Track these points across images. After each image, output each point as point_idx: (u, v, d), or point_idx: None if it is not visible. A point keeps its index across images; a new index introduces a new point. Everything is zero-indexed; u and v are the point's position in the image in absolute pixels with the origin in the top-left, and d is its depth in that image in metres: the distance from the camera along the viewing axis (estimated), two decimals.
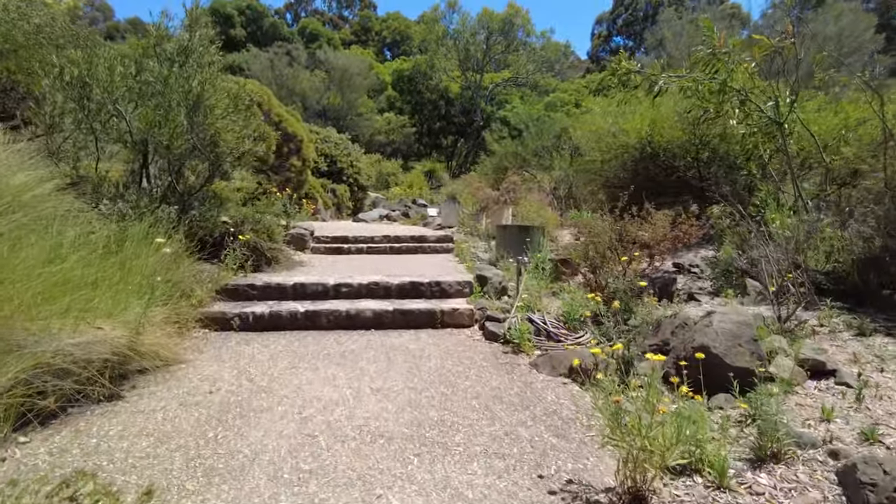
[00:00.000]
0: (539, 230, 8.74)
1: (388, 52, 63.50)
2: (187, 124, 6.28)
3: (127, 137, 6.45)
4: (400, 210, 22.02)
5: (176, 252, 6.00)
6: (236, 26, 49.05)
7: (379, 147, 38.42)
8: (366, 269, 8.41)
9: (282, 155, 13.35)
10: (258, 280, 6.85)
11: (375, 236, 11.71)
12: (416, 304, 6.29)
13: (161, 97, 6.42)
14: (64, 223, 5.61)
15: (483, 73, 46.74)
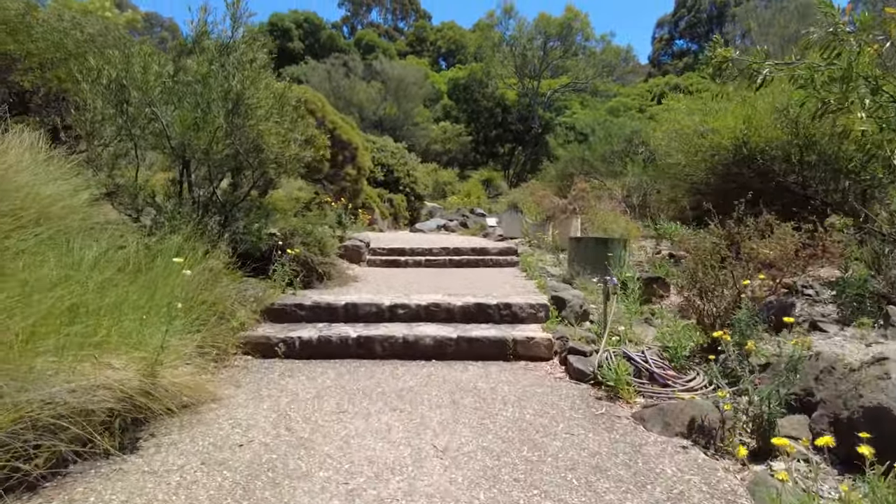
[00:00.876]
0: (619, 243, 7.75)
1: (443, 62, 63.26)
2: (227, 127, 5.66)
3: (164, 143, 5.89)
4: (457, 220, 21.27)
5: (214, 269, 5.36)
6: (294, 39, 49.74)
7: (435, 156, 37.89)
8: (424, 284, 7.62)
9: (336, 163, 12.81)
10: (307, 299, 6.16)
11: (434, 248, 10.94)
12: (484, 330, 5.44)
13: (199, 97, 5.83)
14: (91, 237, 5.05)
15: (540, 80, 45.68)
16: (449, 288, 7.30)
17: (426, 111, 44.05)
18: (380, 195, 19.57)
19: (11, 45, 8.37)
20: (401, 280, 8.08)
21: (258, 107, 5.75)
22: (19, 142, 6.13)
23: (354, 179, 13.35)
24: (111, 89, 6.19)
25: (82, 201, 5.90)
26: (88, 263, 4.59)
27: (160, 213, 5.68)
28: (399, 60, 48.83)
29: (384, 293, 6.81)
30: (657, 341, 5.43)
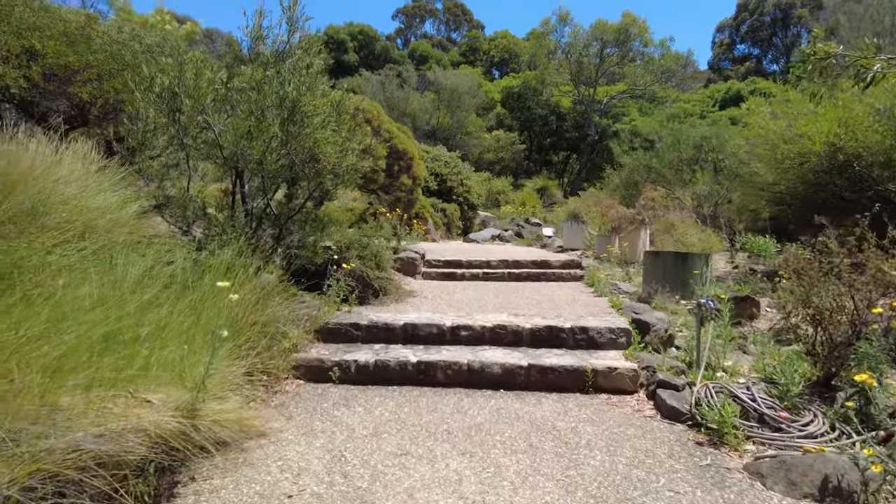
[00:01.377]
0: (701, 258, 7.06)
1: (497, 72, 62.84)
2: (282, 135, 5.32)
3: (217, 153, 5.60)
4: (512, 230, 20.70)
5: (267, 286, 5.00)
6: (349, 51, 50.27)
7: (488, 165, 37.39)
8: (485, 301, 7.11)
9: (392, 173, 12.49)
10: (363, 317, 5.74)
11: (492, 260, 10.42)
12: (558, 357, 4.88)
13: (253, 104, 5.52)
14: (137, 251, 4.76)
15: (596, 87, 44.65)
16: (513, 306, 6.77)
17: (479, 120, 43.63)
18: (433, 205, 19.22)
19: (71, 56, 8.36)
20: (460, 296, 7.59)
21: (314, 114, 5.39)
22: (72, 153, 5.97)
23: (410, 189, 13.00)
24: (163, 98, 5.96)
25: (131, 214, 5.67)
26: (132, 281, 4.29)
27: (211, 226, 5.38)
28: (452, 70, 48.65)
29: (444, 311, 6.34)
30: (756, 372, 4.77)
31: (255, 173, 5.63)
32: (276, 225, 5.87)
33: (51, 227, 4.86)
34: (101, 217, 5.06)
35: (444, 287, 8.64)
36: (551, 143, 45.99)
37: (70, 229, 4.91)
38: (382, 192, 12.97)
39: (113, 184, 5.96)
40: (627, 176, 16.90)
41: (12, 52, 7.86)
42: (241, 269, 4.88)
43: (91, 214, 5.13)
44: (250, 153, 5.32)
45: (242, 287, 4.69)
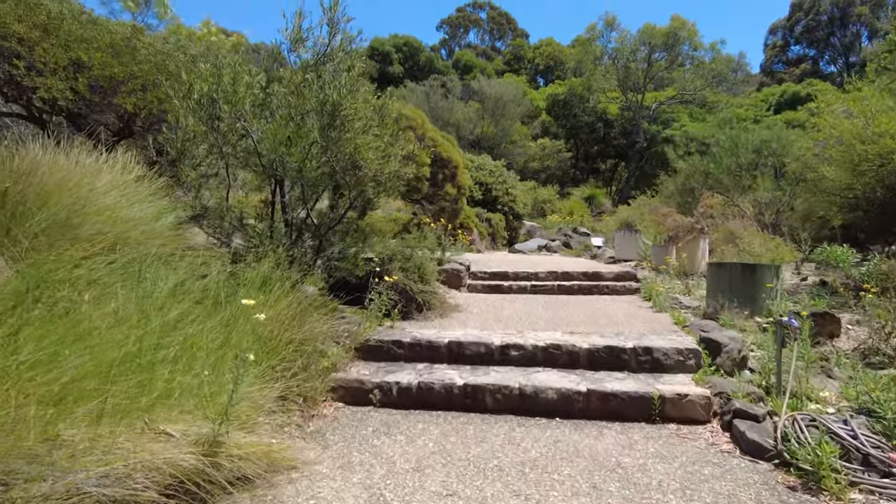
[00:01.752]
0: (771, 270, 6.46)
1: (541, 79, 62.28)
2: (321, 141, 5.03)
3: (255, 160, 5.36)
4: (560, 240, 20.14)
5: (306, 300, 4.69)
6: (394, 63, 50.55)
7: (533, 174, 36.80)
8: (535, 316, 6.67)
9: (436, 182, 12.18)
10: (406, 334, 5.39)
11: (540, 272, 9.95)
12: (619, 381, 4.41)
13: (292, 109, 5.27)
14: (171, 264, 4.53)
15: (644, 92, 43.56)
16: (565, 322, 6.31)
17: (524, 128, 43.11)
18: (478, 215, 18.84)
19: (116, 67, 8.33)
20: (508, 311, 7.16)
21: (355, 118, 5.09)
22: (111, 163, 5.85)
23: (454, 199, 12.66)
24: (202, 105, 5.78)
25: (166, 225, 5.48)
26: (161, 296, 4.05)
27: (248, 238, 5.13)
28: (496, 79, 48.31)
29: (491, 327, 5.93)
30: (847, 401, 4.20)
31: (295, 182, 5.37)
32: (315, 236, 5.59)
33: (83, 239, 4.69)
34: (133, 228, 4.87)
35: (490, 300, 8.23)
36: (598, 150, 45.08)
37: (102, 241, 4.73)
38: (426, 201, 12.67)
39: (150, 194, 5.80)
40: (683, 182, 16.12)
41: (59, 65, 7.87)
42: (278, 283, 4.60)
43: (124, 226, 4.95)
44: (289, 160, 5.05)
45: (278, 302, 4.40)
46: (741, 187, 13.73)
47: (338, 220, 5.65)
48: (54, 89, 7.70)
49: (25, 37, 7.76)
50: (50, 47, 7.82)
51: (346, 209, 5.67)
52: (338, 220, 5.65)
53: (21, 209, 4.63)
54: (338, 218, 5.66)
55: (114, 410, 2.56)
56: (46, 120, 9.07)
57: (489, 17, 71.63)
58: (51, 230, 4.60)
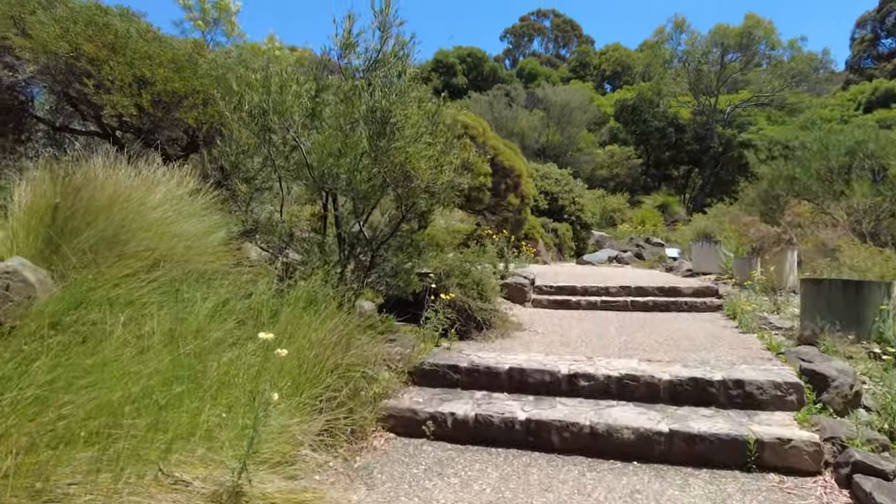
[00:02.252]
0: (881, 287, 5.65)
1: (608, 85, 60.89)
2: (370, 151, 4.70)
3: (306, 173, 5.09)
4: (631, 251, 19.25)
5: (351, 321, 4.34)
6: (458, 74, 50.53)
7: (601, 182, 35.70)
8: (607, 338, 6.10)
9: (498, 192, 11.74)
10: (463, 357, 4.97)
11: (611, 286, 9.32)
12: (707, 420, 3.82)
13: (341, 118, 4.97)
14: (214, 282, 4.29)
15: (718, 95, 41.59)
16: (641, 345, 5.71)
17: (591, 136, 42.04)
18: (543, 225, 18.25)
19: (177, 82, 8.37)
20: (576, 331, 6.62)
21: (406, 126, 4.74)
22: (168, 178, 5.74)
23: (518, 209, 12.18)
24: (253, 116, 5.58)
25: (216, 240, 5.29)
26: (200, 317, 3.79)
27: (298, 253, 4.86)
28: (561, 86, 47.44)
29: (557, 350, 5.43)
30: None
31: (345, 194, 5.06)
32: (367, 251, 5.26)
33: (129, 255, 4.53)
34: (179, 244, 4.68)
35: (556, 318, 7.69)
36: (670, 156, 43.38)
37: (148, 258, 4.56)
38: (489, 212, 12.24)
39: (203, 208, 5.65)
40: (766, 189, 14.96)
41: (125, 82, 7.96)
42: (323, 304, 4.28)
43: (172, 242, 4.77)
44: (338, 172, 4.75)
45: (324, 324, 4.07)
46: (832, 193, 12.53)
47: (391, 233, 5.30)
48: (119, 105, 7.78)
49: (94, 56, 7.90)
50: (116, 65, 7.92)
51: (399, 222, 5.31)
52: (391, 233, 5.30)
53: (71, 225, 4.52)
54: (390, 231, 5.31)
55: (124, 454, 2.26)
56: (119, 137, 9.26)
57: (553, 24, 70.77)
58: (98, 246, 4.46)
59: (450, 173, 4.94)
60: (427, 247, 5.46)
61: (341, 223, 5.65)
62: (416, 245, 5.41)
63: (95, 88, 7.88)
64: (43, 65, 8.00)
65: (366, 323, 4.88)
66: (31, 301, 3.75)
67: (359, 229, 5.50)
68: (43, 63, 7.97)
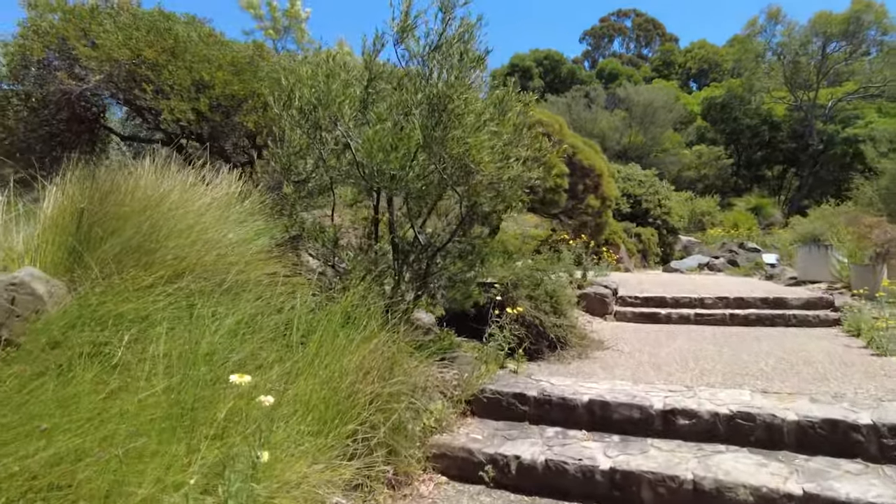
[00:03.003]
0: None
1: (694, 84, 57.95)
2: (425, 142, 4.04)
3: (356, 172, 4.51)
4: (724, 256, 17.69)
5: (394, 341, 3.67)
6: (534, 77, 49.52)
7: (689, 184, 33.65)
8: (706, 359, 5.16)
9: (575, 194, 10.83)
10: (531, 384, 4.20)
11: (705, 297, 8.24)
12: (855, 481, 2.87)
13: (394, 107, 4.35)
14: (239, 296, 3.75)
15: (818, 89, 38.37)
16: (748, 368, 4.74)
17: (677, 136, 39.92)
18: (626, 229, 17.06)
19: (237, 85, 8.08)
20: (667, 349, 5.69)
21: (466, 113, 4.05)
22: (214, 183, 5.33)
23: (597, 212, 11.21)
24: (304, 112, 5.07)
25: (259, 247, 4.79)
26: (219, 336, 3.24)
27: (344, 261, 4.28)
28: (644, 85, 45.41)
29: (647, 375, 4.56)
30: None
31: (396, 194, 4.43)
32: (420, 258, 4.60)
33: (156, 265, 4.07)
34: (210, 252, 4.19)
35: (643, 333, 6.75)
36: (763, 156, 40.48)
37: (175, 267, 4.09)
38: (565, 215, 11.34)
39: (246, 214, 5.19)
40: (888, 185, 13.17)
41: (183, 86, 7.74)
42: (367, 319, 3.64)
43: (202, 250, 4.30)
44: (387, 167, 4.12)
45: (361, 346, 3.43)
46: None
47: (449, 238, 4.61)
48: (177, 110, 7.56)
49: (155, 61, 7.74)
50: (175, 69, 7.72)
51: (458, 225, 4.62)
52: (449, 238, 4.61)
53: (95, 232, 4.13)
54: (449, 236, 4.62)
55: None
56: (184, 144, 9.13)
57: (634, 24, 68.30)
58: (122, 255, 4.03)
59: (518, 167, 4.19)
60: (491, 254, 4.73)
61: (395, 227, 5.02)
62: (479, 252, 4.70)
63: (154, 94, 7.70)
64: (107, 73, 7.92)
65: (418, 340, 4.23)
66: (39, 315, 3.33)
67: (414, 234, 4.86)
68: (107, 71, 7.89)
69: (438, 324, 5.40)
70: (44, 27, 8.03)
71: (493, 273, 5.16)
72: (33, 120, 8.58)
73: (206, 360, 2.99)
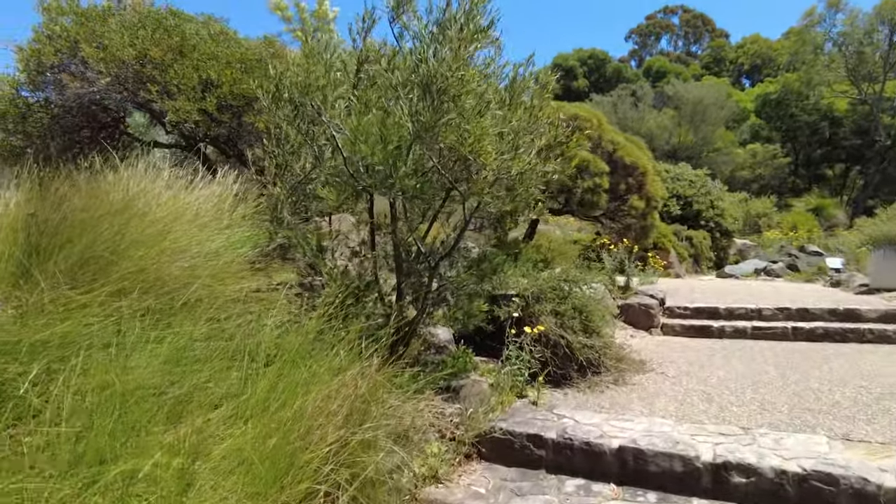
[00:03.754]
0: None
1: (747, 80, 55.54)
2: (413, 129, 3.36)
3: (341, 167, 3.88)
4: (783, 261, 16.37)
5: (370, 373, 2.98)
6: (578, 77, 48.35)
7: (743, 184, 31.95)
8: (767, 387, 4.30)
9: (617, 195, 9.95)
10: (551, 421, 3.46)
11: (764, 307, 7.28)
12: None
13: (383, 91, 3.70)
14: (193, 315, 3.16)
15: (885, 81, 35.91)
16: (824, 401, 3.87)
17: (729, 134, 38.11)
18: (675, 233, 15.96)
19: (246, 84, 7.60)
20: (721, 373, 4.84)
21: (465, 93, 3.36)
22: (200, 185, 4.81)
23: (642, 214, 10.28)
24: (293, 103, 4.48)
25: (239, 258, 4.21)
26: (149, 369, 2.64)
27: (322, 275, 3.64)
28: (694, 82, 43.62)
29: (694, 409, 3.76)
30: None
31: (383, 193, 3.76)
32: (418, 270, 3.92)
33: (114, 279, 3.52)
34: (171, 264, 3.62)
35: (692, 351, 5.89)
36: (823, 154, 38.17)
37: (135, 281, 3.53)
38: (607, 218, 10.46)
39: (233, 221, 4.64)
40: None
41: (189, 86, 7.31)
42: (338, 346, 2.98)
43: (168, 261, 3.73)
44: (371, 161, 3.47)
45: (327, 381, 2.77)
46: None
47: (453, 245, 3.91)
48: (181, 111, 7.14)
49: (161, 61, 7.35)
50: (181, 68, 7.32)
51: (461, 230, 3.90)
52: (453, 245, 3.91)
53: (48, 242, 3.62)
54: (451, 244, 3.92)
55: None
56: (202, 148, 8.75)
57: (682, 21, 66.13)
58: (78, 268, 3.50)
59: (530, 159, 3.46)
60: (501, 263, 4.00)
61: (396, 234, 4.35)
62: (490, 262, 3.98)
63: (159, 94, 7.29)
64: (114, 75, 7.57)
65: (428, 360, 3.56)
66: None
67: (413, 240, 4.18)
68: (114, 73, 7.53)
69: (456, 340, 4.73)
70: (56, 31, 7.77)
71: (514, 284, 4.43)
72: (54, 127, 8.30)
73: (131, 398, 2.39)
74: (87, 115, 8.28)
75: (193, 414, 2.58)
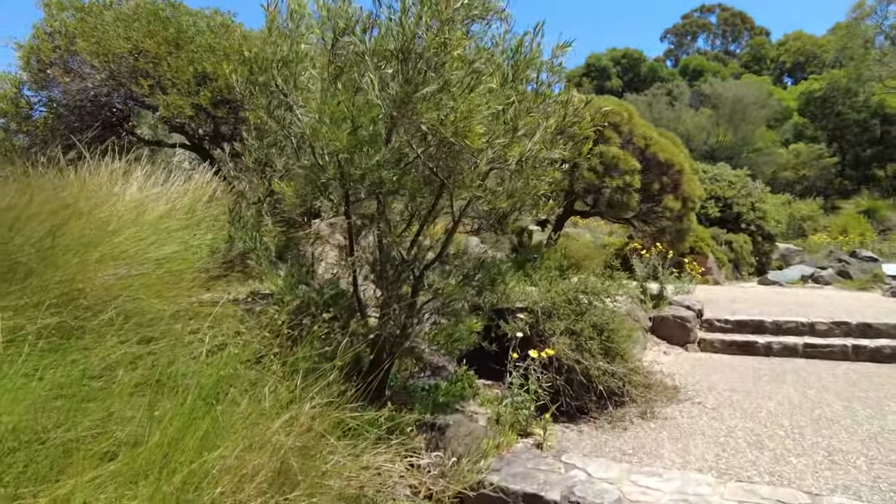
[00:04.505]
0: None
1: (789, 79, 53.49)
2: (384, 108, 2.70)
3: (307, 157, 3.25)
4: (832, 267, 15.22)
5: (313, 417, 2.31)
6: (612, 77, 47.23)
7: (785, 185, 30.51)
8: (830, 419, 3.51)
9: (650, 195, 9.12)
10: (555, 475, 2.73)
11: (817, 321, 6.40)
12: None
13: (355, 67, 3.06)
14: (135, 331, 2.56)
15: None
16: None
17: (771, 133, 36.57)
18: (714, 236, 14.94)
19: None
20: (769, 404, 4.03)
21: (449, 62, 2.68)
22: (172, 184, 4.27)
23: (678, 216, 9.42)
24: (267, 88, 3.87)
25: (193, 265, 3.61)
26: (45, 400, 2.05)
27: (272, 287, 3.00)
28: (733, 81, 42.08)
29: (740, 457, 2.99)
30: None
31: (350, 186, 3.09)
32: (397, 281, 3.24)
33: (33, 290, 2.96)
34: (102, 273, 3.03)
35: (735, 374, 5.08)
36: (874, 153, 36.26)
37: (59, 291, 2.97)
38: (639, 220, 9.63)
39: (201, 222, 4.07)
40: None
41: (183, 79, 6.83)
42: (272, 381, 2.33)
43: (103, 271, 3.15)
44: (335, 146, 2.82)
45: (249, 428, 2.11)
46: None
47: (440, 251, 3.22)
48: (173, 106, 6.65)
49: (155, 54, 6.90)
50: (174, 62, 6.84)
51: (451, 232, 3.22)
52: (440, 251, 3.22)
53: None
54: (440, 249, 3.23)
55: None
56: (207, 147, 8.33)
57: (720, 19, 64.20)
58: None
59: (527, 143, 2.75)
60: (501, 273, 3.30)
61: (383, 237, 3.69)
62: (488, 269, 3.28)
63: (150, 89, 6.82)
64: (109, 70, 7.15)
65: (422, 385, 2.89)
66: None
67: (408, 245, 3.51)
68: (109, 68, 7.12)
69: (459, 361, 4.06)
70: (55, 27, 7.42)
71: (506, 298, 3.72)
72: (59, 126, 7.94)
73: None
74: (91, 114, 7.90)
75: (80, 466, 1.96)
